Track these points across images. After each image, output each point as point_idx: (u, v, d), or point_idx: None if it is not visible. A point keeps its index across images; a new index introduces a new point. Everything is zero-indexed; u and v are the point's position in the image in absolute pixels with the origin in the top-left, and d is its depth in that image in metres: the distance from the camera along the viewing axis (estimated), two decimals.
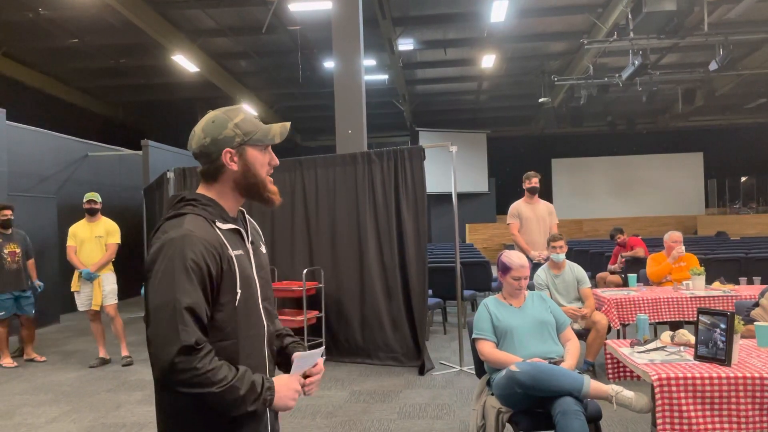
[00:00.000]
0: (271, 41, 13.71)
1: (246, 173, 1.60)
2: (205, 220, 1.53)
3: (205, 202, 1.57)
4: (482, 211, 21.38)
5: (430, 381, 5.45)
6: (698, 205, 23.77)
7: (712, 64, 12.80)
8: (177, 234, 1.46)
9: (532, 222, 6.52)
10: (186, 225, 1.48)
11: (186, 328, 1.39)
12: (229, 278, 1.52)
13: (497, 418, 3.10)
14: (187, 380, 1.39)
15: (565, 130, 22.17)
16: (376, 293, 6.05)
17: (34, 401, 5.22)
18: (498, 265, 3.60)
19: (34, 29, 12.21)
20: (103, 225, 6.56)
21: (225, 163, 1.58)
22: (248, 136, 1.59)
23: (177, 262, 1.43)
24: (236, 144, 1.58)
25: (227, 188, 1.61)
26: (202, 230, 1.50)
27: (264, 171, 1.63)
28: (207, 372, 1.40)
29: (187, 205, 1.56)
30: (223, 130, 1.57)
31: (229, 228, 1.59)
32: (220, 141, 1.57)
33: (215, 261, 1.48)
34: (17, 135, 9.28)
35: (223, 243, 1.53)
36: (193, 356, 1.39)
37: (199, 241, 1.46)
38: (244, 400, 1.44)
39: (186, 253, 1.43)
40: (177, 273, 1.42)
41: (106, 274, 6.49)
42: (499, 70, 16.51)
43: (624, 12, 11.34)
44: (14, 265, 6.58)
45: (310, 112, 20.95)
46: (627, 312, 5.16)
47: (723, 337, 2.76)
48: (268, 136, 1.62)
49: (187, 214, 1.53)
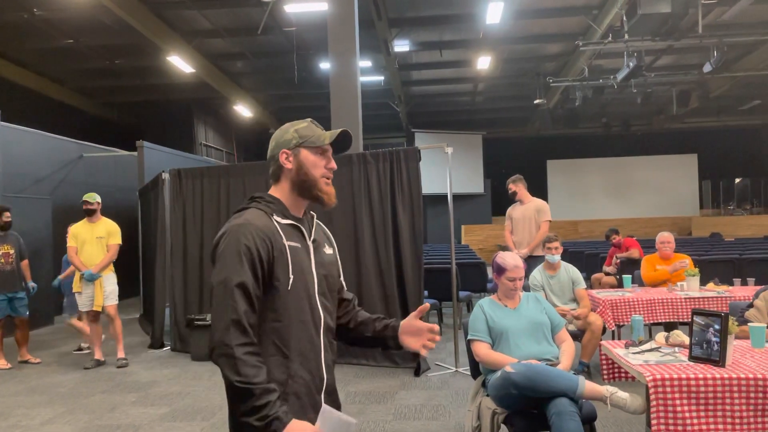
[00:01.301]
0: (267, 42, 13.70)
1: (299, 171, 1.80)
2: (265, 214, 1.74)
3: (268, 199, 1.79)
4: (478, 213, 21.43)
5: (426, 382, 5.46)
6: (693, 206, 23.86)
7: (707, 66, 12.85)
8: (236, 223, 1.68)
9: (518, 222, 6.66)
10: (245, 216, 1.71)
11: (235, 303, 1.58)
12: (281, 264, 1.68)
13: (492, 419, 3.10)
14: (222, 356, 1.55)
15: (561, 131, 22.23)
16: (372, 294, 6.05)
17: (28, 402, 5.20)
18: (493, 266, 3.60)
19: (29, 29, 12.16)
20: (104, 226, 6.52)
21: (282, 162, 1.80)
22: (303, 139, 1.81)
23: (232, 246, 1.63)
24: (292, 145, 1.80)
25: (287, 187, 1.81)
26: (258, 221, 1.70)
27: (317, 171, 1.80)
28: (238, 359, 1.53)
29: (253, 202, 1.79)
30: (284, 134, 1.83)
31: (288, 223, 1.77)
32: (280, 143, 1.82)
33: (266, 247, 1.66)
34: (12, 136, 9.25)
35: (277, 233, 1.71)
36: (236, 335, 1.55)
37: (253, 229, 1.66)
38: (252, 409, 1.53)
39: (239, 238, 1.64)
40: (231, 256, 1.62)
41: (108, 275, 6.47)
42: (495, 72, 16.53)
43: (619, 14, 11.37)
44: (8, 266, 6.56)
45: (306, 114, 20.54)
46: (622, 313, 5.17)
47: (717, 338, 2.77)
48: (320, 139, 1.82)
49: (250, 208, 1.75)
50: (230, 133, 21.58)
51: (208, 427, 4.47)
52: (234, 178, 7.02)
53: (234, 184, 6.98)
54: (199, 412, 4.83)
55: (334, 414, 1.64)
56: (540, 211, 6.61)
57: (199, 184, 7.19)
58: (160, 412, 4.84)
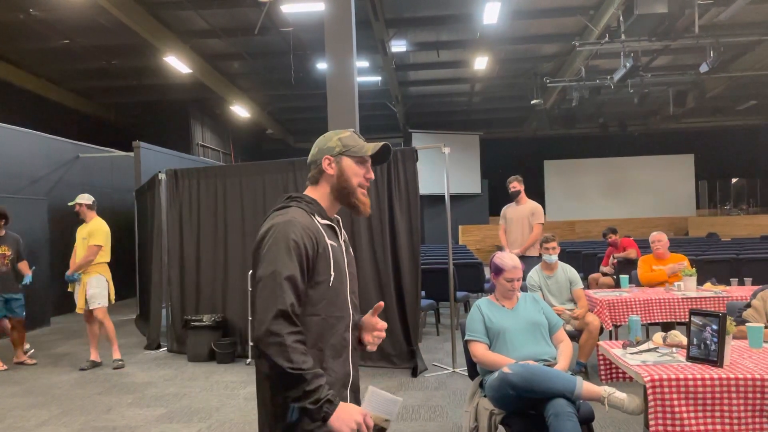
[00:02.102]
0: (264, 42, 13.68)
1: (340, 178, 1.89)
2: (306, 213, 1.81)
3: (308, 200, 1.87)
4: (475, 213, 21.43)
5: (423, 383, 5.45)
6: (689, 206, 23.90)
7: (703, 66, 12.87)
8: (282, 219, 1.75)
9: (512, 223, 6.88)
10: (291, 213, 1.78)
11: (284, 294, 1.65)
12: (324, 260, 1.77)
13: (490, 419, 3.10)
14: (272, 344, 1.61)
15: (558, 131, 22.25)
16: (369, 294, 6.03)
17: (24, 404, 5.18)
18: (491, 266, 3.60)
19: (25, 30, 12.13)
20: (89, 226, 6.40)
21: (324, 168, 1.89)
22: (347, 148, 1.90)
23: (281, 241, 1.70)
24: (336, 153, 1.89)
25: (326, 191, 1.90)
26: (303, 218, 1.78)
27: (355, 180, 1.90)
28: (289, 347, 1.60)
29: (293, 201, 1.85)
30: (328, 141, 1.92)
31: (326, 223, 1.86)
32: (324, 150, 1.91)
33: (312, 243, 1.74)
34: (7, 136, 9.22)
35: (320, 231, 1.80)
36: (285, 324, 1.62)
37: (300, 225, 1.74)
38: (304, 394, 1.60)
39: (288, 234, 1.71)
40: (280, 250, 1.69)
41: (92, 277, 6.31)
42: (492, 72, 16.54)
43: (615, 14, 11.39)
44: (4, 267, 6.53)
45: (303, 114, 20.91)
46: (619, 313, 5.17)
47: (715, 338, 2.77)
48: (362, 150, 1.91)
49: (292, 206, 1.82)
50: (227, 133, 21.55)
51: (205, 428, 4.46)
52: (230, 178, 7.00)
53: (230, 185, 6.96)
54: (196, 413, 4.81)
55: (379, 394, 1.75)
56: (534, 213, 6.77)
57: (196, 184, 7.17)
58: (157, 414, 4.82)
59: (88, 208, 6.45)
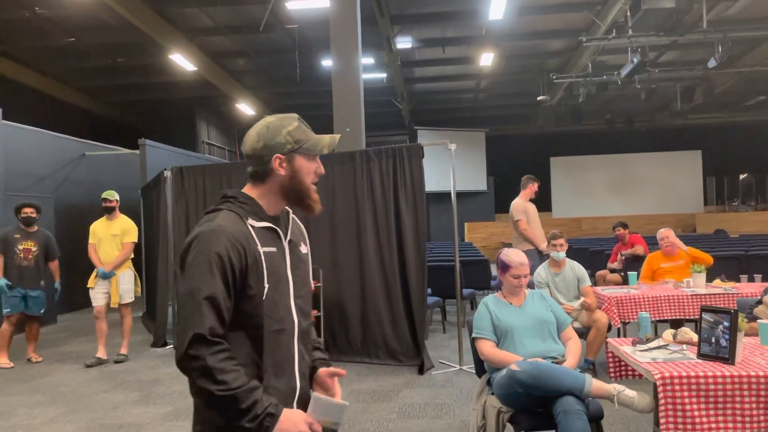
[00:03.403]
0: (269, 40, 13.67)
1: (292, 179, 1.69)
2: (238, 217, 1.62)
3: (242, 200, 1.67)
4: (481, 210, 21.35)
5: (430, 380, 5.42)
6: (697, 202, 23.76)
7: (711, 61, 12.78)
8: (207, 228, 1.56)
9: (536, 219, 7.08)
10: (217, 220, 1.59)
11: (202, 317, 1.48)
12: (255, 272, 1.58)
13: (498, 417, 3.07)
14: (195, 369, 1.47)
15: (564, 128, 22.15)
16: (376, 292, 6.01)
17: (30, 402, 5.18)
18: (497, 263, 3.57)
19: (31, 28, 12.15)
20: (120, 224, 6.64)
21: (274, 167, 1.67)
22: (299, 144, 1.68)
23: (202, 255, 1.52)
24: (287, 150, 1.67)
25: (272, 191, 1.70)
26: (231, 225, 1.58)
27: (309, 179, 1.71)
28: (213, 369, 1.46)
29: (226, 202, 1.67)
30: (276, 136, 1.67)
31: (263, 226, 1.66)
32: (272, 146, 1.66)
33: (239, 254, 1.56)
34: (14, 134, 9.23)
35: (251, 239, 1.60)
36: (205, 347, 1.47)
37: (227, 235, 1.55)
38: (240, 413, 1.48)
39: (211, 247, 1.53)
40: (201, 265, 1.52)
41: (124, 272, 6.57)
42: (498, 69, 16.47)
43: (623, 9, 11.31)
44: (25, 262, 6.57)
45: (309, 111, 20.82)
46: (627, 310, 5.13)
47: (726, 335, 2.73)
48: (317, 147, 1.71)
49: (223, 210, 1.63)
50: (232, 131, 21.57)
51: None
52: (236, 175, 7.01)
53: (236, 182, 6.95)
54: None
55: (324, 399, 1.62)
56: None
57: (201, 182, 7.17)
58: (163, 411, 4.82)
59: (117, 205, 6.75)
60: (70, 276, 9.77)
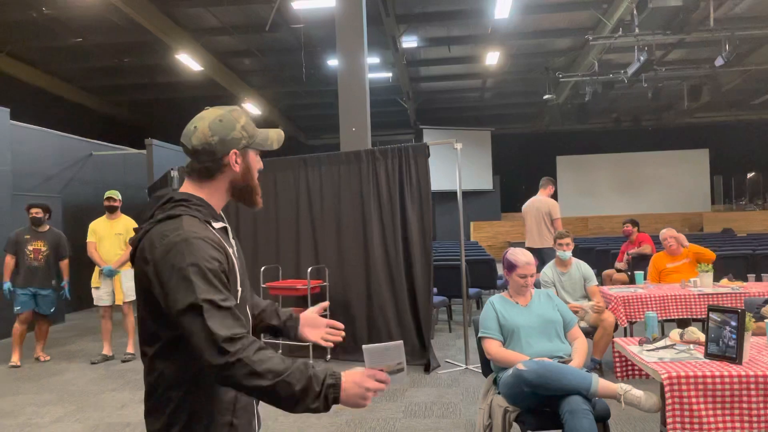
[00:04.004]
0: (275, 39, 13.69)
1: (245, 175, 1.60)
2: (200, 221, 1.50)
3: (196, 202, 1.54)
4: (487, 209, 21.33)
5: (436, 379, 5.43)
6: (704, 201, 23.65)
7: (718, 59, 12.70)
8: (179, 238, 1.42)
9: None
10: (186, 228, 1.44)
11: (219, 325, 1.36)
12: (233, 275, 1.51)
13: (504, 417, 3.07)
14: (233, 374, 1.34)
15: (570, 127, 22.09)
16: (381, 291, 6.02)
17: (38, 400, 5.21)
18: (503, 262, 3.56)
19: (38, 28, 12.22)
20: (123, 223, 6.71)
21: (230, 163, 1.56)
22: (252, 139, 1.60)
23: (188, 267, 1.39)
24: (242, 146, 1.58)
25: (220, 188, 1.59)
26: (202, 231, 1.46)
27: (256, 174, 1.64)
28: (253, 363, 1.34)
29: (178, 206, 1.51)
30: (231, 131, 1.56)
31: (220, 227, 1.58)
32: (228, 141, 1.55)
33: (223, 257, 1.47)
34: (21, 134, 9.28)
35: (221, 241, 1.51)
36: (233, 351, 1.34)
37: (205, 241, 1.43)
38: (300, 396, 1.38)
39: (196, 256, 1.40)
40: (191, 276, 1.38)
41: (126, 271, 6.64)
42: (504, 67, 16.44)
43: (629, 8, 11.26)
44: (35, 262, 6.60)
45: (314, 111, 20.92)
46: (634, 309, 5.11)
47: (734, 334, 2.72)
48: (267, 142, 1.64)
49: (182, 216, 1.48)
50: None
51: None
52: None
53: None
54: None
55: (375, 346, 1.53)
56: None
57: None
58: None
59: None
60: (78, 275, 9.81)
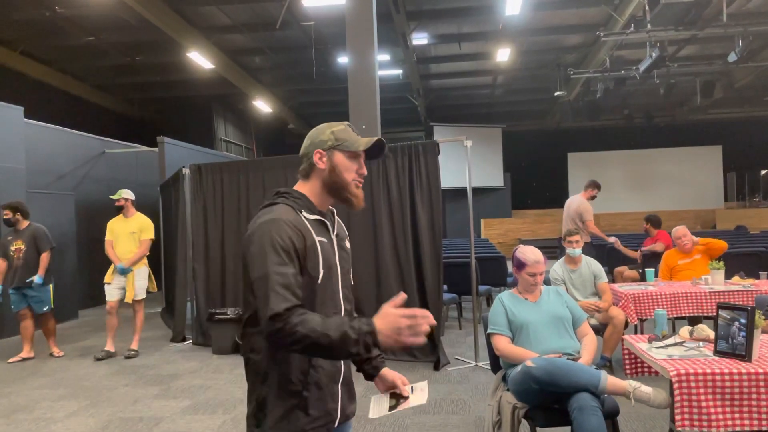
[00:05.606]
0: (285, 37, 13.72)
1: (331, 173, 1.83)
2: (293, 210, 1.76)
3: (296, 195, 1.82)
4: (497, 206, 21.26)
5: (446, 376, 5.44)
6: (717, 198, 23.44)
7: (731, 55, 12.59)
8: (267, 218, 1.70)
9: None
10: (276, 211, 1.73)
11: (277, 296, 1.58)
12: (312, 258, 1.72)
13: (513, 413, 3.08)
14: (283, 338, 1.56)
15: (582, 123, 21.95)
16: (391, 288, 6.03)
17: (53, 395, 5.28)
18: (513, 260, 3.57)
19: (51, 27, 12.32)
20: (137, 221, 6.75)
21: (315, 161, 1.83)
22: (339, 141, 1.84)
23: (266, 242, 1.65)
24: (327, 147, 1.83)
25: (317, 186, 1.85)
26: (289, 215, 1.73)
27: (349, 176, 1.85)
28: (296, 325, 1.55)
29: (280, 197, 1.81)
30: (321, 135, 1.85)
31: (315, 218, 1.80)
32: (315, 143, 1.85)
33: (300, 239, 1.70)
34: (35, 132, 9.38)
35: (307, 228, 1.75)
36: (283, 319, 1.56)
37: (285, 223, 1.69)
38: (341, 346, 1.54)
39: (273, 233, 1.66)
40: (268, 251, 1.64)
41: (140, 269, 6.70)
42: (514, 64, 16.38)
43: (641, 3, 11.18)
44: (19, 261, 6.54)
45: (325, 108, 20.95)
46: (644, 307, 5.10)
47: (743, 332, 2.72)
48: (354, 144, 1.85)
49: (278, 204, 1.78)
50: (249, 128, 21.70)
51: (229, 420, 4.51)
52: (253, 173, 7.06)
53: (253, 179, 7.01)
54: (221, 405, 4.86)
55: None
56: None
57: (219, 179, 7.23)
58: (182, 405, 4.89)
59: (132, 203, 6.82)
60: (90, 272, 9.93)
